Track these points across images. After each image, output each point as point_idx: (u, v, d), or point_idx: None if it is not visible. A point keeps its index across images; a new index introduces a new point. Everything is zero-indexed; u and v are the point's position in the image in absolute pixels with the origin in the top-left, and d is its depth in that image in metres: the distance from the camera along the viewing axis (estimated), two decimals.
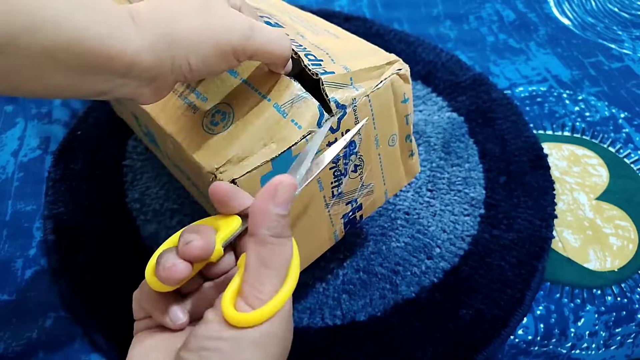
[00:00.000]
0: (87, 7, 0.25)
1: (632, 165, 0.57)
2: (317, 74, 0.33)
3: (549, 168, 0.55)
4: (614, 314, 0.46)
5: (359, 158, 0.37)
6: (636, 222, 0.52)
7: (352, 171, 0.38)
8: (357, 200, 0.40)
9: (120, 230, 0.51)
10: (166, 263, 0.26)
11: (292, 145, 0.32)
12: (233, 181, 0.31)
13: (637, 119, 0.62)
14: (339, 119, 0.34)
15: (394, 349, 0.43)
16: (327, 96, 0.33)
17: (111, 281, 0.47)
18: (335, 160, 0.36)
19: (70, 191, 0.54)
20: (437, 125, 0.60)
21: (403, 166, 0.43)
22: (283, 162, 0.32)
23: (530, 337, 0.45)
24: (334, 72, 0.34)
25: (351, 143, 0.36)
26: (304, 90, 0.33)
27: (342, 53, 0.37)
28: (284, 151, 0.32)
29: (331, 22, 0.73)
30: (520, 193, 0.53)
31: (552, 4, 0.78)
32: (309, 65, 0.34)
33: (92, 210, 0.53)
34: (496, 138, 0.58)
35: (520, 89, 0.66)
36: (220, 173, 0.32)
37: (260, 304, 0.24)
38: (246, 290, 0.24)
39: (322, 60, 0.34)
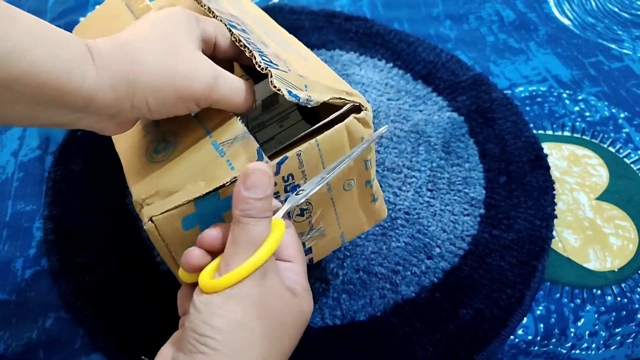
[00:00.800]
0: (46, 41, 0.26)
1: (632, 165, 0.57)
2: (266, 68, 0.31)
3: (549, 168, 0.55)
4: (614, 314, 0.46)
5: (306, 202, 0.35)
6: (636, 222, 0.52)
7: (297, 215, 0.36)
8: (305, 244, 0.38)
9: (120, 230, 0.51)
10: (187, 250, 0.29)
11: (220, 187, 0.31)
12: (151, 218, 0.30)
13: (637, 119, 0.62)
14: (279, 164, 0.32)
15: (394, 349, 0.43)
16: (274, 87, 0.30)
17: (111, 281, 0.47)
18: None
19: (70, 191, 0.54)
20: (437, 125, 0.60)
21: (363, 211, 0.40)
22: (208, 204, 0.31)
23: (530, 337, 0.45)
24: (286, 72, 0.32)
25: (294, 187, 0.34)
26: (247, 132, 0.32)
27: (303, 68, 0.35)
28: (210, 192, 0.30)
29: (332, 22, 0.73)
30: (520, 193, 0.53)
31: (552, 4, 0.78)
32: (259, 60, 0.32)
33: (92, 210, 0.53)
34: (496, 138, 0.58)
35: (520, 89, 0.66)
36: (147, 205, 0.31)
37: (225, 273, 0.27)
38: (220, 265, 0.28)
39: (277, 65, 0.33)
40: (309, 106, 0.32)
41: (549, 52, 0.70)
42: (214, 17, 0.37)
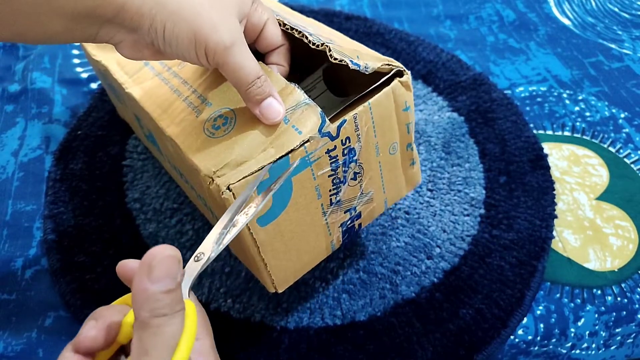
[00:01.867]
0: None
1: (632, 165, 0.57)
2: (323, 44, 0.33)
3: (549, 168, 0.55)
4: (614, 314, 0.46)
5: (359, 166, 0.37)
6: (636, 222, 0.52)
7: (351, 179, 0.37)
8: (356, 208, 0.39)
9: (120, 229, 0.51)
10: (60, 358, 0.25)
11: (290, 152, 0.32)
12: (228, 187, 0.31)
13: (637, 119, 0.62)
14: (339, 127, 0.34)
15: (394, 349, 0.43)
16: (335, 59, 0.33)
17: (111, 281, 0.47)
18: (335, 168, 0.35)
19: (70, 191, 0.54)
20: (437, 125, 0.60)
21: (404, 175, 0.42)
22: (280, 168, 0.32)
23: (530, 337, 0.45)
24: (340, 45, 0.34)
25: (351, 150, 0.35)
26: (308, 97, 0.33)
27: (347, 44, 0.37)
28: (282, 156, 0.32)
29: (332, 21, 0.73)
30: (520, 193, 0.53)
31: (552, 4, 0.78)
32: (312, 39, 0.34)
33: (92, 210, 0.53)
34: (496, 138, 0.58)
35: (521, 89, 0.66)
36: (218, 177, 0.32)
37: None
38: None
39: (326, 40, 0.35)
40: (367, 73, 0.34)
41: (549, 52, 0.70)
42: None
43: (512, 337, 0.45)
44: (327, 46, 0.34)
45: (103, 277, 0.48)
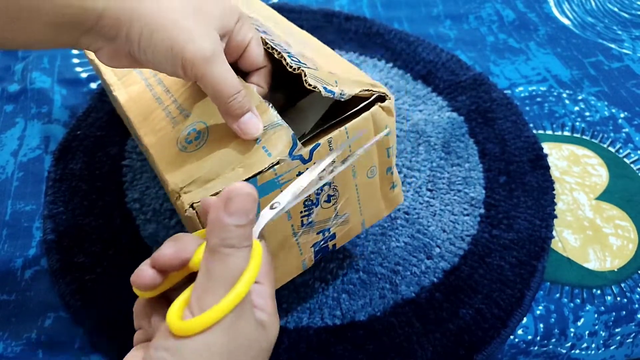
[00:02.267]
0: None
1: (632, 165, 0.57)
2: (298, 68, 0.33)
3: (548, 168, 0.55)
4: (614, 313, 0.46)
5: (333, 189, 0.36)
6: (636, 222, 0.52)
7: (324, 201, 0.36)
8: (330, 229, 0.39)
9: (120, 230, 0.51)
10: (138, 269, 0.27)
11: (258, 173, 0.31)
12: (192, 205, 0.31)
13: (637, 119, 0.62)
14: (311, 150, 0.33)
15: (394, 349, 0.43)
16: (309, 85, 0.32)
17: (111, 281, 0.47)
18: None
19: (70, 191, 0.54)
20: (437, 125, 0.60)
21: (383, 198, 0.41)
22: None
23: (530, 337, 0.45)
24: (317, 70, 0.34)
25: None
26: (280, 118, 0.33)
27: (328, 65, 0.37)
28: (249, 178, 0.31)
29: (331, 21, 0.73)
30: (520, 193, 0.53)
31: (552, 3, 0.78)
32: (289, 61, 0.33)
33: (91, 210, 0.53)
34: (496, 138, 0.58)
35: (520, 88, 0.66)
36: (184, 193, 0.31)
37: (199, 313, 0.24)
38: (192, 300, 0.24)
39: (305, 63, 0.34)
40: (342, 100, 0.33)
41: (548, 52, 0.70)
42: None
43: (512, 337, 0.45)
44: (303, 71, 0.33)
45: (103, 277, 0.48)
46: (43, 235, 0.52)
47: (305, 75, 0.33)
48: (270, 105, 0.34)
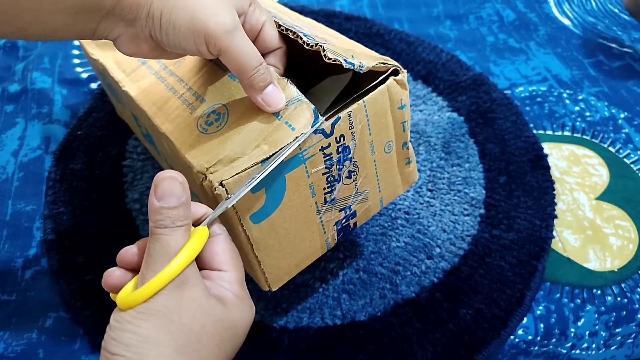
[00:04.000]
0: None
1: (632, 165, 0.57)
2: (317, 44, 0.33)
3: (549, 168, 0.55)
4: (614, 314, 0.46)
5: (354, 164, 0.37)
6: (636, 222, 0.52)
7: (346, 177, 0.37)
8: (351, 207, 0.39)
9: (120, 230, 0.51)
10: (106, 272, 0.30)
11: (284, 147, 0.32)
12: (221, 183, 0.31)
13: (637, 119, 0.62)
14: (333, 124, 0.33)
15: (394, 349, 0.43)
16: (329, 59, 0.33)
17: None
18: (329, 166, 0.35)
19: (70, 191, 0.54)
20: (437, 125, 0.60)
21: (400, 174, 0.42)
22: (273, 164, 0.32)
23: (530, 337, 0.45)
24: (335, 45, 0.34)
25: (345, 148, 0.35)
26: (300, 93, 0.33)
27: (340, 43, 0.37)
28: (275, 153, 0.31)
29: (332, 22, 0.73)
30: (520, 193, 0.53)
31: (552, 4, 0.78)
32: (306, 40, 0.34)
33: (92, 210, 0.53)
34: (496, 138, 0.58)
35: (520, 88, 0.66)
36: (211, 173, 0.31)
37: (138, 287, 0.27)
38: (138, 279, 0.28)
39: (321, 40, 0.35)
40: (361, 71, 0.34)
41: (549, 52, 0.70)
42: None
43: (512, 337, 0.45)
44: (321, 46, 0.33)
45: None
46: (43, 235, 0.52)
47: (324, 50, 0.33)
48: (289, 81, 0.34)
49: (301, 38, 0.35)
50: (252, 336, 0.44)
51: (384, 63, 0.35)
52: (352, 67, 0.33)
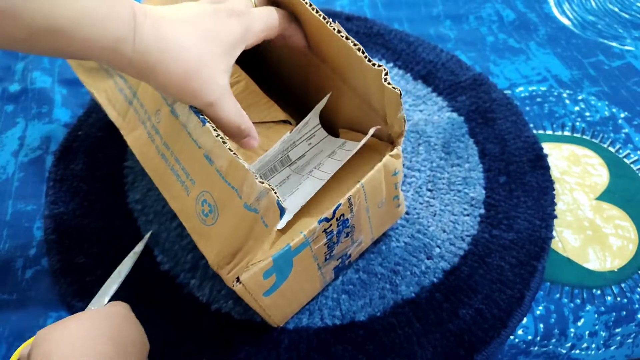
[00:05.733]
0: (100, 10, 0.28)
1: (631, 165, 0.57)
2: (379, 64, 0.34)
3: (549, 168, 0.55)
4: (614, 314, 0.46)
5: (350, 227, 0.40)
6: (636, 222, 0.52)
7: (344, 238, 0.40)
8: (347, 253, 0.44)
9: (120, 231, 0.51)
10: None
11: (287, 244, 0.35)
12: (238, 280, 0.34)
13: (637, 119, 0.62)
14: (334, 210, 0.36)
15: (394, 349, 0.44)
16: (389, 84, 0.34)
17: None
18: (330, 238, 0.38)
19: (70, 191, 0.55)
20: (437, 125, 0.60)
21: (389, 216, 0.46)
22: (282, 256, 0.35)
23: (530, 337, 0.45)
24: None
25: (344, 221, 0.38)
26: (266, 185, 0.31)
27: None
28: (283, 248, 0.34)
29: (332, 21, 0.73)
30: (520, 193, 0.53)
31: (552, 3, 0.78)
32: (367, 59, 0.35)
33: (92, 211, 0.53)
34: (496, 138, 0.58)
35: (520, 88, 0.65)
36: (222, 267, 0.34)
37: None
38: None
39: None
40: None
41: (549, 52, 0.70)
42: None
43: (512, 337, 0.45)
44: (384, 69, 0.34)
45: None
46: (44, 235, 0.52)
47: (386, 74, 0.34)
48: (250, 167, 0.33)
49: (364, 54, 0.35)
50: (253, 336, 0.45)
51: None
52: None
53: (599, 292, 0.48)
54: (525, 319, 0.46)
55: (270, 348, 0.44)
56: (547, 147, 0.59)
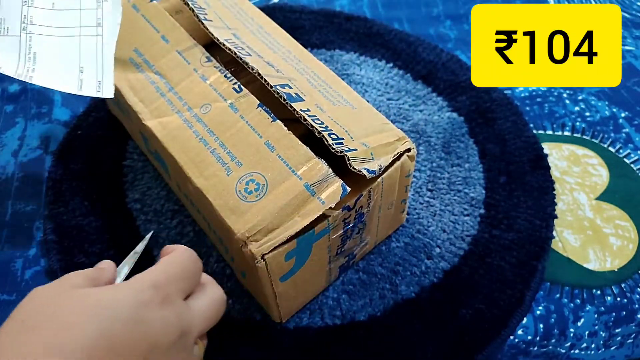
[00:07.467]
0: None
1: (632, 165, 0.57)
2: (342, 152, 0.36)
3: (549, 168, 0.55)
4: (614, 314, 0.46)
5: (363, 223, 0.41)
6: (636, 222, 0.52)
7: (355, 234, 0.42)
8: (354, 252, 0.45)
9: (120, 230, 0.51)
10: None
11: (315, 223, 0.35)
12: (262, 257, 0.34)
13: (637, 119, 0.62)
14: (356, 200, 0.37)
15: (394, 349, 0.44)
16: (354, 169, 0.36)
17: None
18: (346, 230, 0.39)
19: (70, 191, 0.54)
20: (437, 125, 0.60)
21: (393, 221, 0.48)
22: (304, 238, 0.35)
23: (529, 337, 0.45)
24: (356, 150, 0.37)
25: (361, 215, 0.39)
26: (332, 172, 0.36)
27: (359, 129, 0.40)
28: (307, 226, 0.35)
29: (332, 21, 0.73)
30: (520, 193, 0.53)
31: (551, 3, 0.78)
32: (333, 144, 0.36)
33: (92, 210, 0.53)
34: (496, 138, 0.58)
35: (520, 88, 0.65)
36: (251, 242, 0.34)
37: None
38: None
39: (343, 139, 0.37)
40: (381, 170, 0.38)
41: None
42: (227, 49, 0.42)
43: (511, 337, 0.45)
44: (346, 155, 0.35)
45: None
46: (43, 235, 0.52)
47: (349, 160, 0.36)
48: (322, 160, 0.36)
49: (327, 140, 0.36)
50: (252, 335, 0.45)
51: (397, 153, 0.39)
52: (373, 175, 0.37)
53: (598, 292, 0.48)
54: (525, 319, 0.46)
55: (270, 348, 0.44)
56: (547, 147, 0.59)
